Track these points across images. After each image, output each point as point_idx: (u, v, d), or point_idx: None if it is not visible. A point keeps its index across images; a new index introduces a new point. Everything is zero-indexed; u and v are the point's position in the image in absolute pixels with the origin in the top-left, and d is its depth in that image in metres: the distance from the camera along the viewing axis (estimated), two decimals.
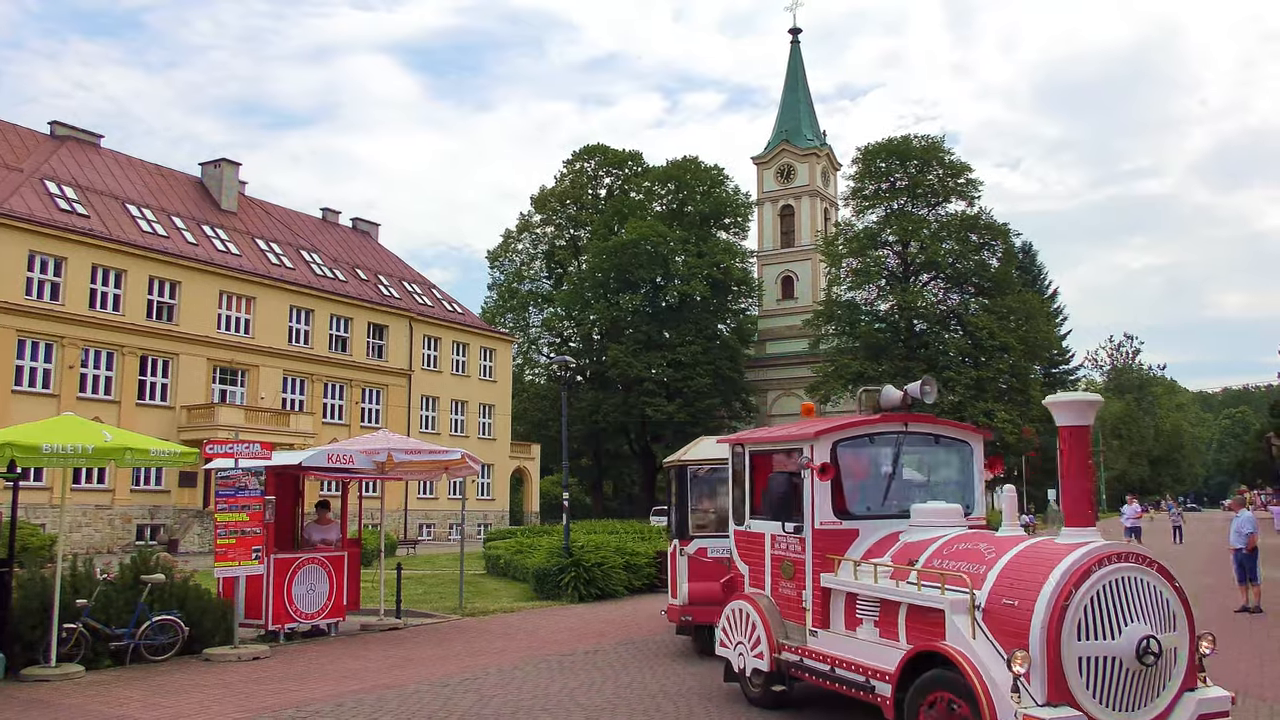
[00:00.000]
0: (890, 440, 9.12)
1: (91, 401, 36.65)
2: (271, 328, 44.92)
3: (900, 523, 8.54)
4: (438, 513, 52.89)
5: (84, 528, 36.70)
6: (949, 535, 7.88)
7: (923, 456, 9.44)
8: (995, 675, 6.40)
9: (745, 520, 9.66)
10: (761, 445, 9.78)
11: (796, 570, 8.74)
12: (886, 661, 7.42)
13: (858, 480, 9.10)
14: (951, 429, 9.39)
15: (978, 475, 9.31)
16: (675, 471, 12.71)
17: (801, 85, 79.52)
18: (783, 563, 8.95)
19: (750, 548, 9.59)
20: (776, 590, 9.11)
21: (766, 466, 9.60)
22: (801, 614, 8.65)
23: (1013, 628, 6.56)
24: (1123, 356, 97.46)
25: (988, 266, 59.19)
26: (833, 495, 8.61)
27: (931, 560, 7.58)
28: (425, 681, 11.10)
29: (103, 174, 42.74)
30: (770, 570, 9.19)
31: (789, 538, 8.83)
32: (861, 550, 8.38)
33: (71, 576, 12.17)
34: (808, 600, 8.57)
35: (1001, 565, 7.00)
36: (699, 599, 12.10)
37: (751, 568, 9.57)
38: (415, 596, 19.76)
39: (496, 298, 73.01)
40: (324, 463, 14.64)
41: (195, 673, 11.70)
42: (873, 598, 7.91)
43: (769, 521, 9.18)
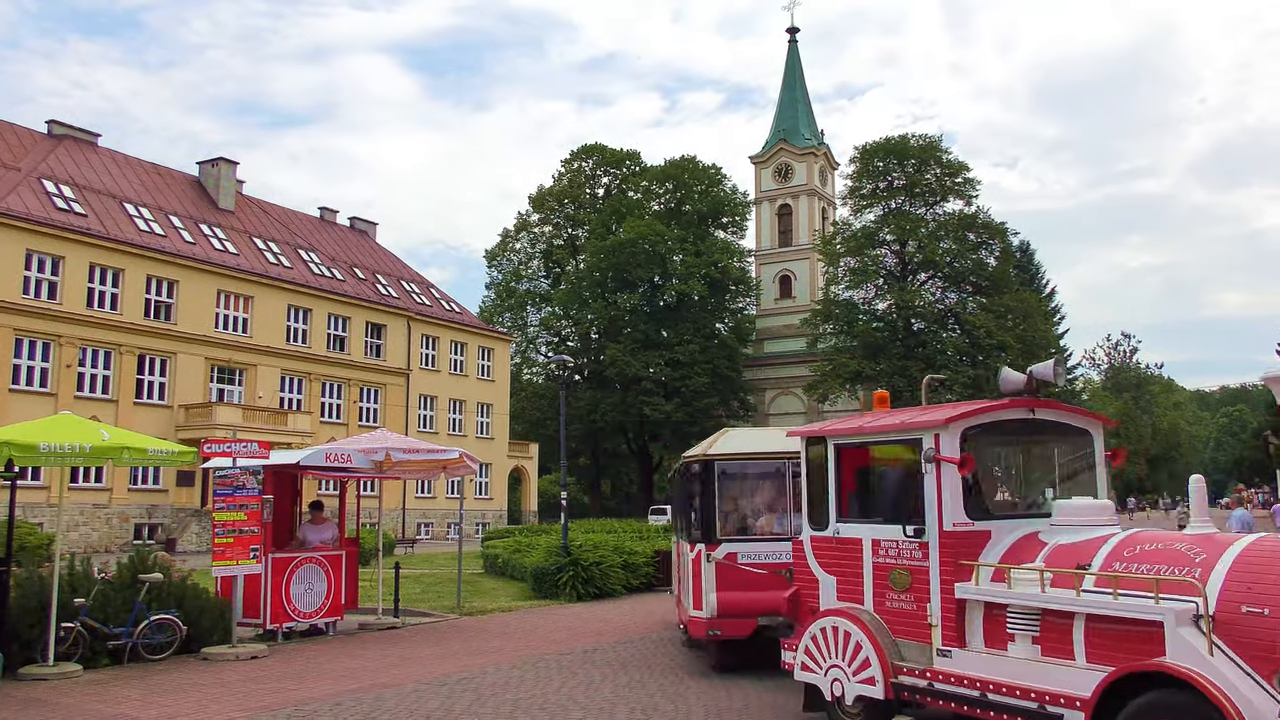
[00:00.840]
0: (1019, 428, 8.06)
1: (89, 400, 36.62)
2: (269, 327, 44.89)
3: (1036, 522, 7.51)
4: (436, 512, 52.87)
5: (82, 527, 36.68)
6: (1118, 535, 6.88)
7: (1045, 447, 8.44)
8: (1253, 699, 5.47)
9: (829, 524, 8.37)
10: (856, 438, 8.50)
11: (916, 580, 7.55)
12: (1069, 685, 6.33)
13: (987, 475, 8.15)
14: (1076, 416, 8.35)
15: (1100, 467, 8.29)
16: (701, 468, 11.47)
17: (799, 85, 79.52)
18: (892, 572, 7.75)
19: (837, 556, 8.34)
20: (882, 604, 7.89)
21: (858, 461, 8.57)
22: (922, 631, 7.49)
23: (1265, 641, 5.61)
24: (1120, 355, 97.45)
25: (985, 266, 59.24)
26: (964, 492, 7.46)
27: (1110, 564, 6.52)
28: (423, 681, 11.09)
29: (100, 173, 42.69)
30: (872, 581, 7.95)
31: (904, 543, 7.64)
32: (997, 554, 7.26)
33: (69, 575, 12.16)
34: (934, 615, 7.38)
35: (1227, 567, 6.01)
36: (731, 610, 10.88)
37: (841, 578, 8.27)
38: (413, 596, 19.75)
39: (494, 297, 73.01)
40: (322, 462, 14.64)
41: (193, 672, 11.70)
42: (1030, 609, 6.79)
43: (871, 524, 8.03)
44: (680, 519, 13.25)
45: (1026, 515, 7.75)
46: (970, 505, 7.45)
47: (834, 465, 8.45)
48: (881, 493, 8.17)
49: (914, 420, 7.77)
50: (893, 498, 7.88)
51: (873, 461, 8.55)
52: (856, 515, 8.29)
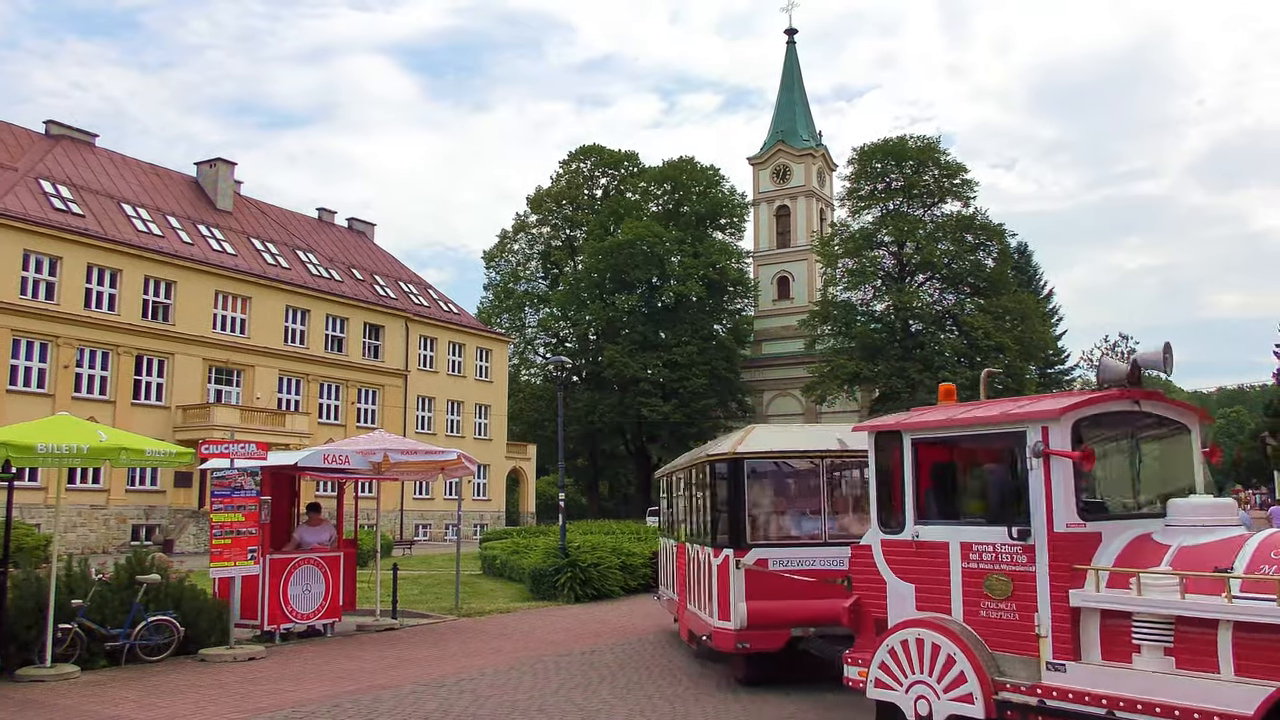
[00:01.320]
0: (1122, 421, 7.45)
1: (86, 401, 36.58)
2: (267, 328, 44.86)
3: (1146, 523, 6.98)
4: (434, 513, 52.85)
5: (79, 528, 36.62)
6: (1257, 535, 6.36)
7: (1146, 441, 7.83)
8: None
9: (906, 526, 7.70)
10: (941, 431, 7.72)
11: (1018, 587, 6.89)
12: (1221, 701, 5.76)
13: (1097, 471, 7.47)
14: (1177, 409, 7.78)
15: (1199, 463, 7.71)
16: (729, 467, 10.60)
17: (797, 86, 79.54)
18: (989, 578, 7.09)
19: (916, 561, 7.66)
20: (974, 614, 7.19)
21: (942, 457, 7.93)
22: (1027, 643, 6.83)
23: None
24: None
25: (983, 267, 59.25)
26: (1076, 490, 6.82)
27: (1257, 566, 6.00)
28: (421, 682, 11.09)
29: (98, 173, 42.66)
30: (962, 589, 7.28)
31: (1004, 546, 6.98)
32: (1110, 557, 6.66)
33: (66, 577, 12.14)
34: (1043, 625, 6.74)
35: None
36: (762, 621, 10.07)
37: (922, 586, 7.57)
38: (411, 597, 19.73)
39: (492, 298, 72.98)
40: (320, 463, 14.63)
41: (191, 673, 11.68)
42: (1162, 618, 6.21)
43: (960, 526, 7.40)
44: (691, 521, 12.52)
45: (1135, 515, 7.23)
46: (1081, 505, 6.83)
47: (911, 462, 7.73)
48: (974, 491, 7.63)
49: (1018, 412, 7.10)
50: (991, 497, 7.27)
51: (962, 457, 7.94)
52: (940, 516, 7.63)
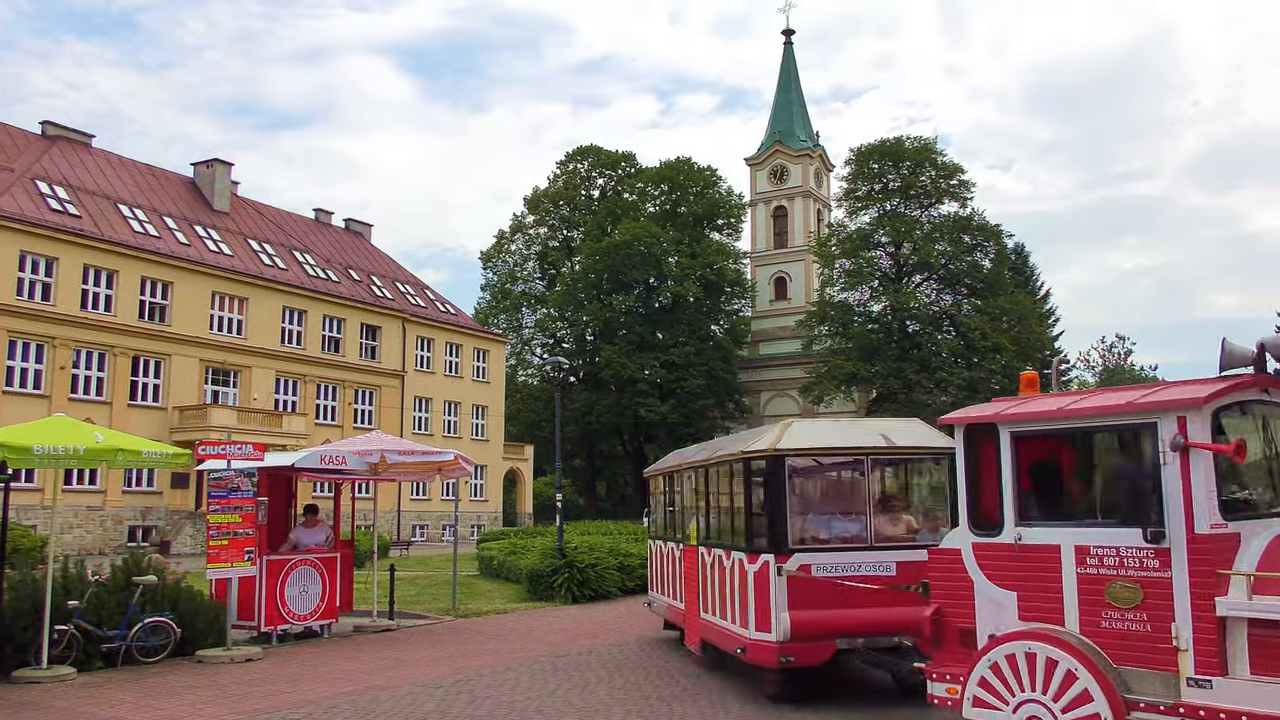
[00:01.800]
0: (1250, 410, 6.79)
1: (83, 402, 36.52)
2: (264, 328, 44.82)
3: None
4: (431, 514, 52.80)
5: (75, 529, 36.56)
6: None
7: (1268, 432, 7.13)
8: None
9: (1005, 528, 7.02)
10: (1049, 423, 7.03)
11: (1150, 594, 6.25)
12: None
13: None
14: None
15: None
16: (770, 465, 9.77)
17: (794, 86, 79.55)
18: (1112, 585, 6.43)
19: (1019, 566, 6.96)
20: (1093, 624, 6.52)
21: (1048, 451, 7.25)
22: (1161, 657, 6.21)
23: None
24: (1115, 357, 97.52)
25: (980, 267, 59.25)
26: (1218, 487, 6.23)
27: None
28: (418, 683, 11.08)
29: (94, 174, 42.60)
30: (1077, 596, 6.61)
31: (1130, 550, 6.32)
32: (1251, 560, 6.07)
33: (63, 578, 12.13)
34: (1182, 637, 6.11)
35: None
36: (808, 632, 9.32)
37: (1026, 594, 6.89)
38: (408, 598, 19.72)
39: (489, 299, 72.91)
40: (317, 464, 14.63)
41: (187, 674, 11.67)
42: None
43: (1075, 528, 6.71)
44: (710, 522, 11.72)
45: (1271, 514, 6.63)
46: (1222, 503, 6.20)
47: (1011, 457, 7.04)
48: (1091, 490, 7.07)
49: (1149, 400, 6.42)
50: (1113, 496, 6.69)
51: (1075, 452, 7.26)
52: (1048, 517, 6.95)
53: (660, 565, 14.53)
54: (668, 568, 13.95)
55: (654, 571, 15.13)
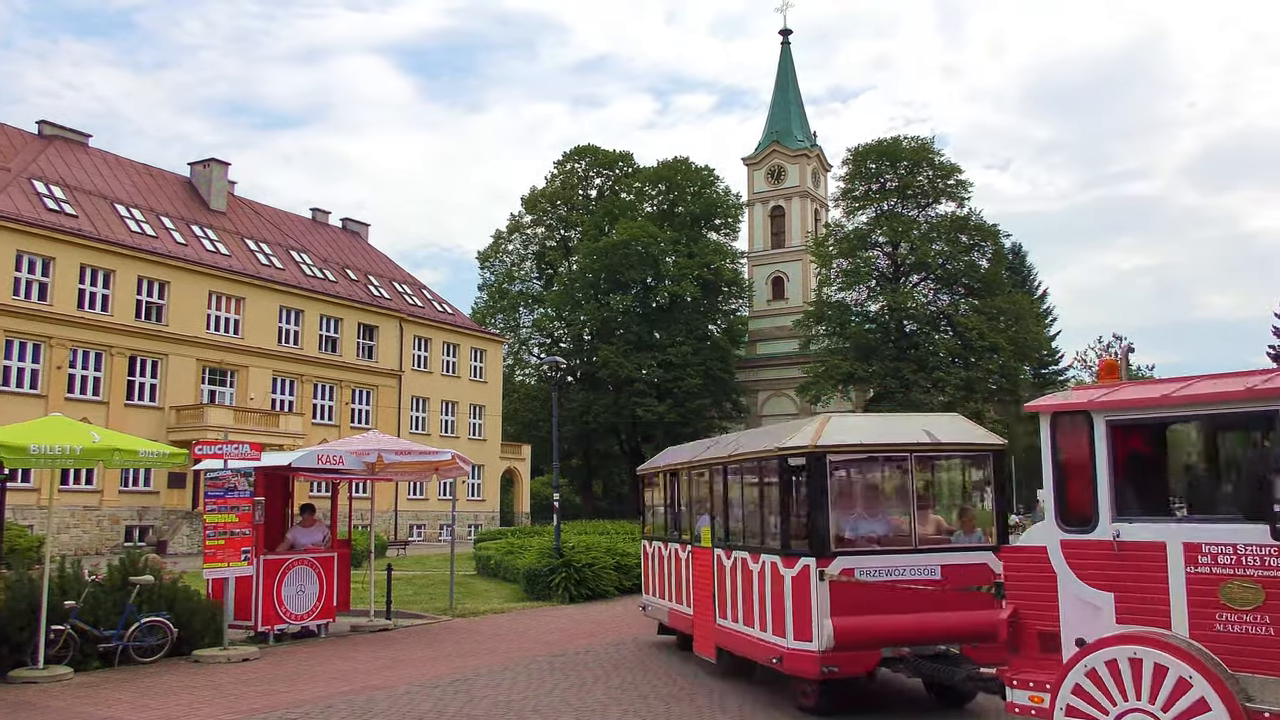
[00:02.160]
0: None
1: (80, 402, 36.49)
2: (261, 328, 44.78)
3: None
4: (428, 513, 52.78)
5: (72, 529, 36.53)
6: None
7: None
8: None
9: (1099, 523, 6.53)
10: (1151, 411, 6.50)
11: (1271, 595, 5.79)
12: None
13: None
14: None
15: None
16: (809, 462, 9.18)
17: (792, 86, 79.57)
18: (1227, 585, 6.01)
19: (1117, 565, 6.46)
20: (1205, 628, 6.08)
21: (1146, 442, 6.83)
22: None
23: None
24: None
25: (977, 267, 59.30)
26: None
27: None
28: (415, 683, 11.07)
29: (91, 174, 42.55)
30: (1186, 598, 6.16)
31: (1252, 547, 5.85)
32: None
33: (59, 578, 12.11)
34: None
35: None
36: (853, 640, 8.82)
37: (1125, 595, 6.41)
38: (405, 597, 19.71)
39: (487, 298, 72.88)
40: (314, 464, 14.63)
41: (184, 674, 11.66)
42: None
43: (1184, 524, 6.29)
44: (734, 523, 11.09)
45: None
46: None
47: (1107, 447, 6.52)
48: (1205, 482, 6.68)
49: (1273, 386, 5.95)
50: (1236, 489, 6.22)
51: (1183, 442, 6.90)
52: (1151, 512, 6.50)
53: (660, 568, 13.78)
54: (669, 570, 13.29)
55: (651, 574, 14.35)
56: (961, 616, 8.96)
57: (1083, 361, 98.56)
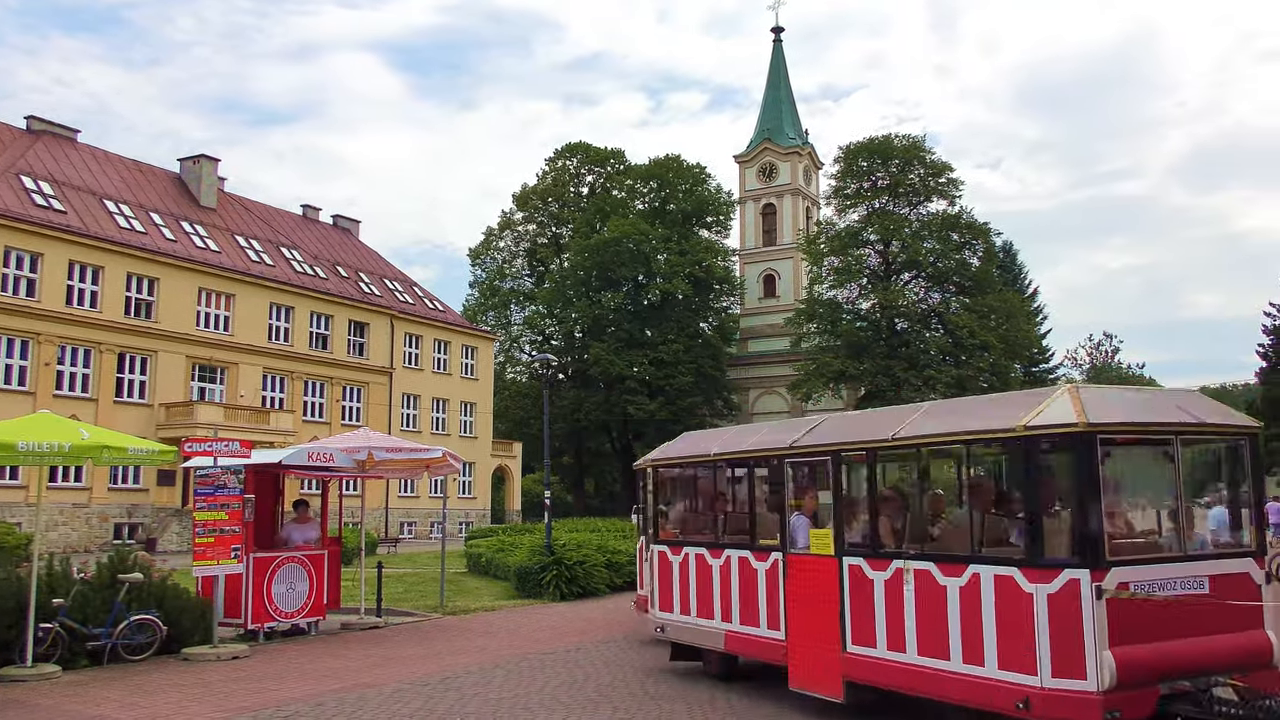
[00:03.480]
0: None
1: (68, 399, 36.32)
2: (251, 325, 44.63)
3: None
4: (419, 511, 52.70)
5: (61, 526, 36.36)
6: None
7: None
8: None
9: None
10: None
11: None
12: None
13: None
14: None
15: None
16: (1076, 445, 7.31)
17: (784, 84, 79.58)
18: None
19: None
20: None
21: None
22: None
23: None
24: (1102, 355, 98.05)
25: (968, 265, 59.41)
26: None
27: None
28: (406, 680, 11.05)
29: (80, 169, 42.34)
30: None
31: None
32: None
33: (48, 576, 12.06)
34: None
35: None
36: (1138, 675, 6.97)
37: None
38: (396, 595, 19.68)
39: (478, 295, 72.81)
40: (304, 461, 14.58)
41: (173, 672, 11.62)
42: None
43: None
44: (871, 523, 8.88)
45: None
46: None
47: None
48: None
49: None
50: None
51: None
52: None
53: (700, 580, 11.01)
54: (724, 584, 10.55)
55: (675, 586, 11.48)
56: (1233, 640, 7.43)
57: (1073, 360, 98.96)
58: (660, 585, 11.86)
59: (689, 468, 12.31)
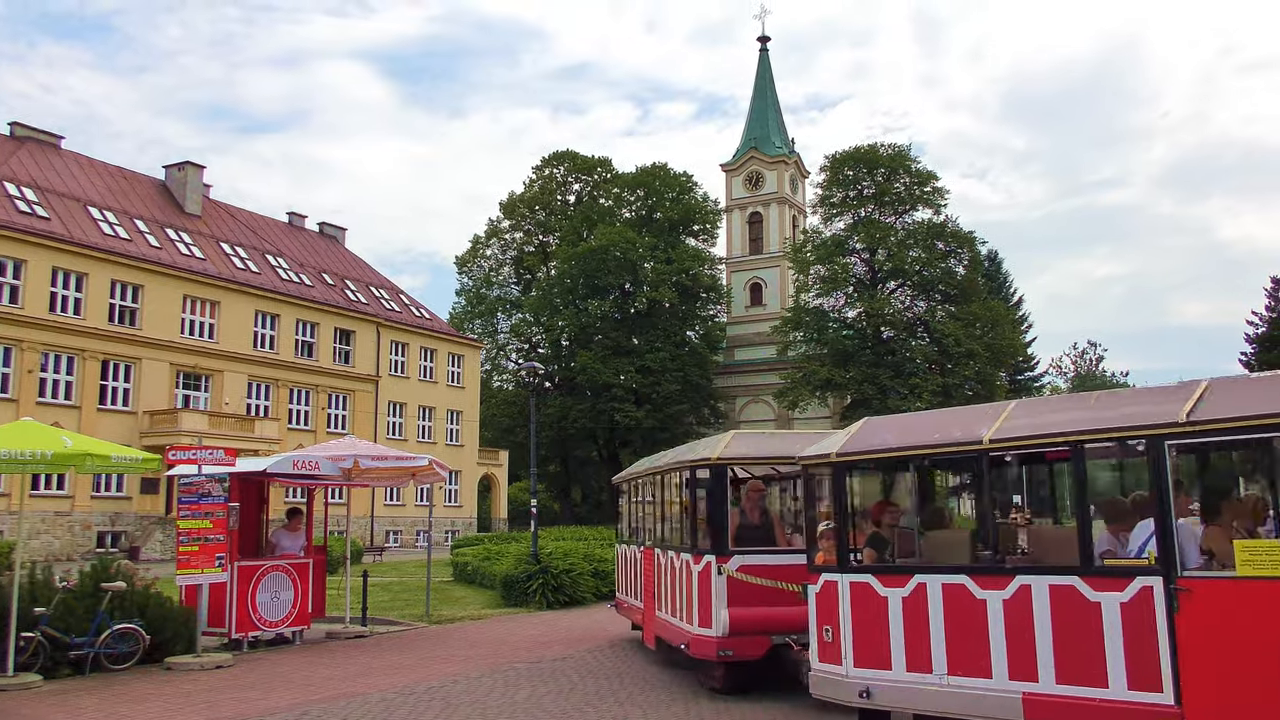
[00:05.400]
0: None
1: (51, 406, 36.07)
2: (236, 332, 44.45)
3: None
4: (405, 519, 52.52)
5: (43, 535, 36.08)
6: None
7: None
8: None
9: None
10: None
11: None
12: None
13: None
14: None
15: None
16: None
17: (770, 93, 79.89)
18: None
19: None
20: None
21: None
22: None
23: None
24: (1086, 363, 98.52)
25: (954, 274, 59.69)
26: None
27: None
28: (391, 690, 11.00)
29: (63, 175, 42.13)
30: None
31: None
32: None
33: (30, 584, 11.95)
34: None
35: None
36: None
37: None
38: (381, 604, 19.60)
39: (465, 303, 72.73)
40: (289, 469, 14.51)
41: (156, 682, 11.53)
42: None
43: None
44: None
45: None
46: None
47: None
48: None
49: None
50: None
51: None
52: None
53: (936, 620, 7.66)
54: (1002, 625, 7.21)
55: (886, 631, 7.92)
56: None
57: (1058, 368, 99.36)
58: (863, 632, 8.14)
59: (923, 459, 8.66)
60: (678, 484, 11.25)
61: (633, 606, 13.85)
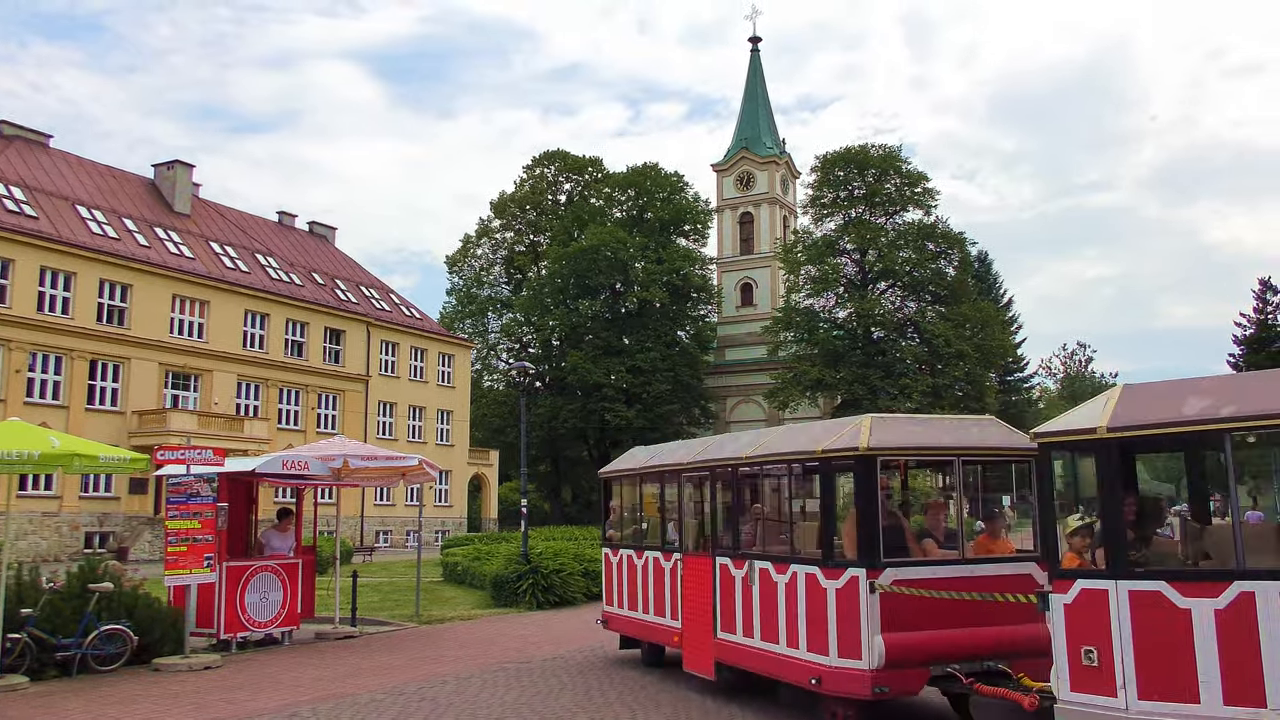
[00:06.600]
0: None
1: (39, 406, 35.87)
2: (225, 332, 44.29)
3: None
4: (395, 519, 52.40)
5: (30, 535, 35.88)
6: None
7: None
8: None
9: None
10: None
11: None
12: None
13: None
14: None
15: None
16: None
17: (761, 94, 79.94)
18: None
19: None
20: None
21: None
22: None
23: None
24: (1076, 365, 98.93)
25: (944, 275, 59.82)
26: None
27: None
28: (380, 690, 10.98)
29: (52, 174, 41.92)
30: None
31: None
32: None
33: (16, 585, 11.90)
34: None
35: None
36: None
37: None
38: (371, 604, 19.56)
39: (455, 303, 72.60)
40: (279, 469, 14.48)
41: (144, 683, 11.49)
42: None
43: None
44: None
45: None
46: None
47: None
48: None
49: None
50: None
51: None
52: None
53: (1213, 641, 6.09)
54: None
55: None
56: None
57: (1047, 369, 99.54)
58: (1151, 655, 6.36)
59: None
60: (789, 478, 9.62)
61: (642, 622, 12.16)
